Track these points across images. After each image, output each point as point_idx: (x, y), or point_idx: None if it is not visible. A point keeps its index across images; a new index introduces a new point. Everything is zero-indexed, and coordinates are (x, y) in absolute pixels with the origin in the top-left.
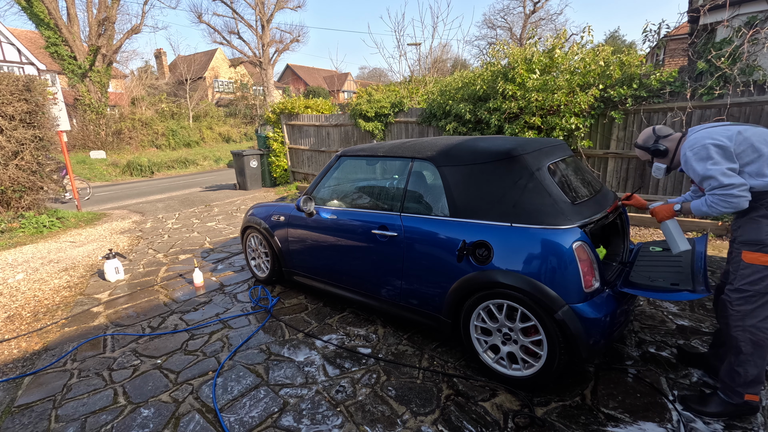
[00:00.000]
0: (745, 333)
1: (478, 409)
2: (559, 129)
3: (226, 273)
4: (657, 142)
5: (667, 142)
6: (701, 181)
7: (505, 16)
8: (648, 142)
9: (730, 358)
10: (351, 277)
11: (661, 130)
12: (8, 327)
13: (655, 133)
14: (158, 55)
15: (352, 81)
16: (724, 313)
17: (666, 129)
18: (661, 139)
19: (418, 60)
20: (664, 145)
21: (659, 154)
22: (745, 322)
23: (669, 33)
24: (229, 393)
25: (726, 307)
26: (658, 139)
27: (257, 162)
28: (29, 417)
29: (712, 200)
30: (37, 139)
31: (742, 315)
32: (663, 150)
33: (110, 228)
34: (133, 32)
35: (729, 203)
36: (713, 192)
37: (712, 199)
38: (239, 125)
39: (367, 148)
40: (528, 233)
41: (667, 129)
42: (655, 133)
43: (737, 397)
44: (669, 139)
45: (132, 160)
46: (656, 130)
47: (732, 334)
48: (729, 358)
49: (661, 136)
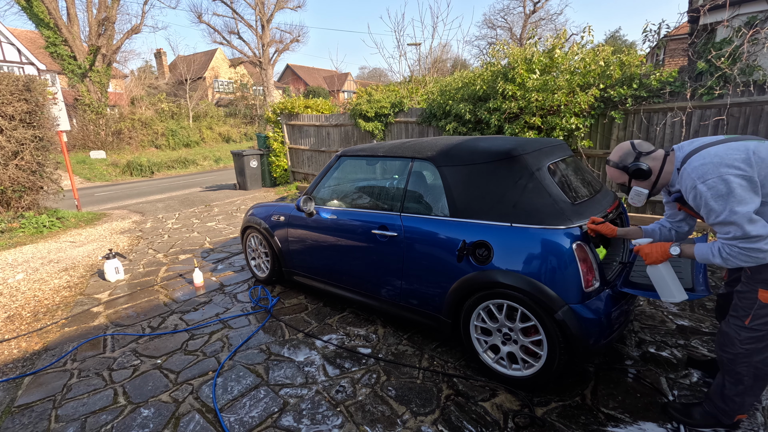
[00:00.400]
0: (750, 368)
1: (478, 409)
2: (559, 129)
3: (226, 273)
4: (637, 159)
5: (649, 161)
6: (717, 224)
7: (505, 16)
8: (626, 159)
9: (726, 386)
10: (351, 277)
11: (642, 146)
12: (8, 327)
13: (635, 148)
14: (158, 55)
15: (352, 81)
16: (728, 348)
17: (647, 145)
18: (642, 156)
19: (418, 60)
20: (647, 164)
21: (640, 175)
22: (752, 358)
23: (669, 33)
24: (229, 393)
25: (733, 344)
26: (639, 156)
27: (257, 162)
28: (29, 417)
29: (729, 252)
30: (37, 139)
31: (750, 352)
32: (646, 170)
33: (110, 228)
34: (133, 32)
35: (753, 258)
36: (733, 243)
37: (729, 251)
38: (239, 125)
39: (367, 148)
40: (528, 233)
41: (647, 145)
42: (635, 149)
43: (728, 419)
44: (651, 157)
45: (132, 160)
46: (636, 145)
47: (736, 369)
48: (724, 385)
49: (642, 152)
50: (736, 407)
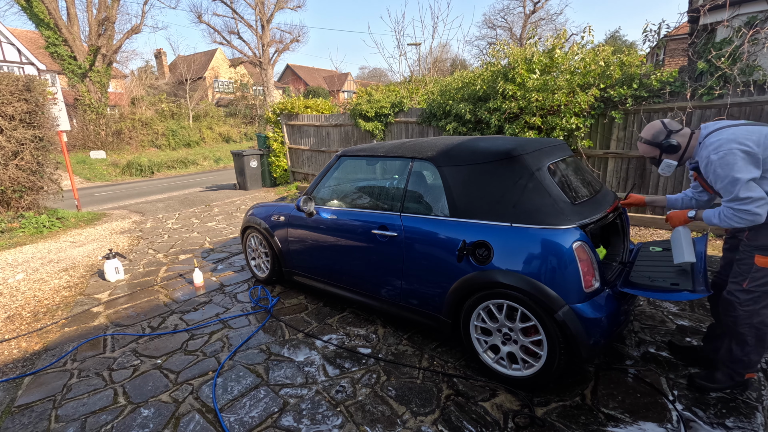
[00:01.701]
0: (752, 329)
1: (478, 409)
2: (560, 129)
3: (226, 273)
4: (669, 137)
5: (678, 138)
6: (721, 188)
7: (505, 16)
8: (658, 137)
9: (734, 347)
10: (351, 277)
11: (672, 125)
12: (8, 327)
13: (667, 127)
14: (158, 55)
15: (352, 81)
16: (731, 312)
17: (676, 123)
18: (672, 134)
19: (418, 60)
20: (676, 140)
21: (671, 150)
22: (753, 319)
23: (669, 33)
24: (229, 393)
25: (734, 307)
26: (670, 134)
27: (257, 162)
28: (29, 417)
29: (725, 213)
30: (37, 139)
31: (751, 313)
32: (675, 145)
33: (110, 228)
34: (133, 32)
35: (743, 219)
36: (729, 204)
37: (725, 213)
38: (239, 125)
39: (367, 148)
40: (528, 233)
41: (676, 123)
42: (666, 128)
43: (739, 377)
44: (680, 134)
45: (132, 160)
46: (667, 124)
47: (739, 330)
48: (731, 348)
49: (672, 130)
50: (744, 365)
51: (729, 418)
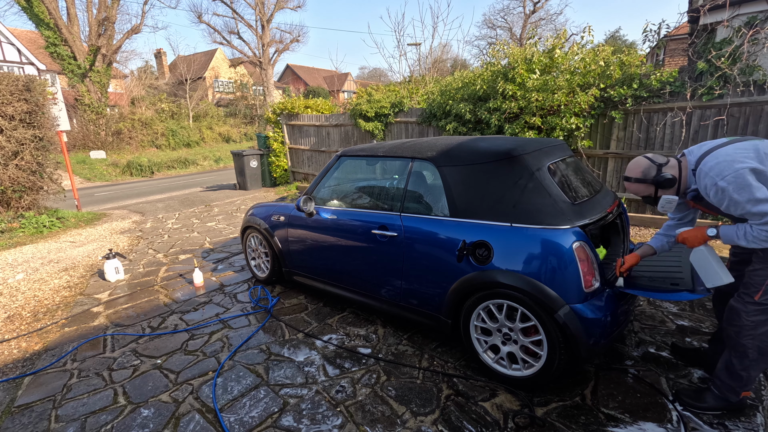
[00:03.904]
0: (755, 341)
1: (478, 409)
2: (560, 129)
3: (226, 273)
4: (660, 170)
5: (669, 170)
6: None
7: (505, 16)
8: (650, 173)
9: (733, 361)
10: (351, 277)
11: (657, 158)
12: (8, 327)
13: (654, 161)
14: (158, 55)
15: (352, 81)
16: (735, 321)
17: (660, 156)
18: (663, 167)
19: (418, 60)
20: (670, 173)
21: (668, 184)
22: (757, 331)
23: (669, 33)
24: (229, 393)
25: (739, 316)
26: (661, 167)
27: (257, 162)
28: (29, 417)
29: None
30: (37, 139)
31: (755, 325)
32: (671, 178)
33: (110, 228)
34: (133, 32)
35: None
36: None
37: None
38: (239, 125)
39: (367, 148)
40: (528, 233)
41: (661, 156)
42: (654, 162)
43: (734, 396)
44: (669, 166)
45: (132, 160)
46: (652, 158)
47: (741, 342)
48: (730, 361)
49: (662, 164)
50: (742, 383)
51: (729, 418)
